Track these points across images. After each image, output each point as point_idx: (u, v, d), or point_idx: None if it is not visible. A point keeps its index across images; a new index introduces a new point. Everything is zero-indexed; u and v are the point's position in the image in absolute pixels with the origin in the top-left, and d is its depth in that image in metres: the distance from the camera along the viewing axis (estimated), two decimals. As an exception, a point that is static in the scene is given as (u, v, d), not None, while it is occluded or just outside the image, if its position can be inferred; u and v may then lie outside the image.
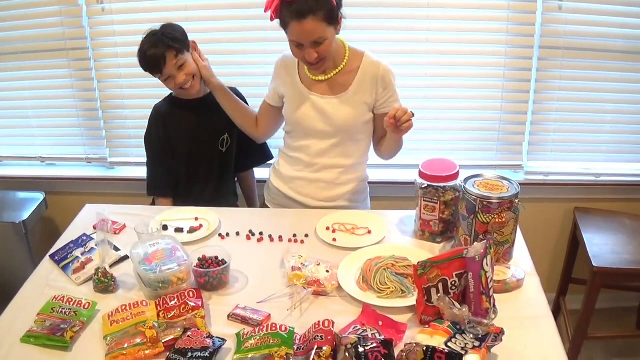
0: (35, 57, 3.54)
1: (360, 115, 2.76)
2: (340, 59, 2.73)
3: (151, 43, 2.82)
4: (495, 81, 3.38)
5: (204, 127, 3.08)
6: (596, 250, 3.12)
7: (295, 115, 2.82)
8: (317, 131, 2.80)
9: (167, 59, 2.81)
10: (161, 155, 3.10)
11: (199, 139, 3.09)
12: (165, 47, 2.81)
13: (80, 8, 3.36)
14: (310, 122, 2.80)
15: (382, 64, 2.73)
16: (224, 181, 3.23)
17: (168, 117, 3.07)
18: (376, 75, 2.71)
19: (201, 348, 1.84)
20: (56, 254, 2.46)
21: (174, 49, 2.82)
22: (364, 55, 2.74)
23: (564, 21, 3.21)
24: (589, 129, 3.52)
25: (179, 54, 2.85)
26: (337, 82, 2.75)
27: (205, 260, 2.28)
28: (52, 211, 3.78)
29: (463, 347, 1.78)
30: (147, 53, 2.82)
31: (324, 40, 2.50)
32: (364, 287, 2.19)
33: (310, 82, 2.78)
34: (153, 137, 3.10)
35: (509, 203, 2.19)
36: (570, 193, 3.61)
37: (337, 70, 2.73)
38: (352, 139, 2.82)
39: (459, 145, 3.59)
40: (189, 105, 3.06)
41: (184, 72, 2.88)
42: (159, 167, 3.12)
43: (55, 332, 1.97)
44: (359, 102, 2.74)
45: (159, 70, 2.84)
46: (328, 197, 2.89)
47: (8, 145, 3.88)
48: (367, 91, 2.72)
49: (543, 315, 2.06)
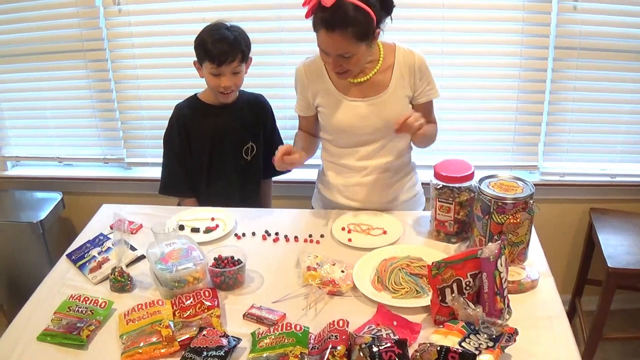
0: (53, 58, 3.57)
1: (404, 109, 2.64)
2: (376, 58, 2.63)
3: (223, 35, 2.79)
4: (511, 82, 3.38)
5: (226, 134, 3.04)
6: (611, 251, 3.11)
7: (337, 123, 2.71)
8: (364, 135, 2.71)
9: (230, 59, 2.78)
10: (179, 156, 3.07)
11: (222, 145, 3.05)
12: (237, 47, 2.80)
13: (97, 9, 3.39)
14: (354, 129, 2.70)
15: (415, 53, 2.65)
16: (248, 192, 3.18)
17: (190, 120, 3.03)
18: (412, 66, 2.63)
19: (216, 347, 1.85)
20: (73, 254, 2.48)
21: (242, 53, 2.82)
22: (395, 48, 2.65)
23: (579, 21, 3.20)
24: (605, 129, 3.51)
25: (242, 62, 2.85)
26: (376, 81, 2.64)
27: (221, 260, 2.29)
28: (69, 211, 3.81)
29: (477, 347, 1.78)
30: (217, 42, 2.77)
31: (352, 56, 2.43)
32: (378, 287, 2.20)
33: (345, 86, 2.66)
34: (174, 137, 3.05)
35: (524, 204, 2.19)
36: (585, 194, 3.60)
37: (375, 70, 2.63)
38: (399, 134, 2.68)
39: (474, 146, 3.59)
40: (213, 111, 3.02)
41: (234, 80, 2.86)
42: (176, 167, 3.09)
43: (71, 330, 1.99)
44: (400, 96, 2.66)
45: (219, 62, 2.78)
46: (386, 198, 2.83)
47: (26, 145, 3.92)
48: (406, 84, 2.65)
49: (557, 315, 2.05)
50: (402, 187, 2.87)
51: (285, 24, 3.30)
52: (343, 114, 2.68)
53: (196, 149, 3.06)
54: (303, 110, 2.83)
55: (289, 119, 3.45)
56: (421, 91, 2.69)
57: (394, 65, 2.64)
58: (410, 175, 2.91)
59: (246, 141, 3.07)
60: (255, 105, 3.12)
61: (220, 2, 3.36)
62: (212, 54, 2.77)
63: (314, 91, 2.73)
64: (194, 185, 3.11)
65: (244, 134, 3.07)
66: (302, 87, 2.77)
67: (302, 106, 2.82)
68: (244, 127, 3.05)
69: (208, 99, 3.02)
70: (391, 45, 2.67)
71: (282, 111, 3.36)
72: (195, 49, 2.86)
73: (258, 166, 3.16)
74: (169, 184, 3.13)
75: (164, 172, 3.13)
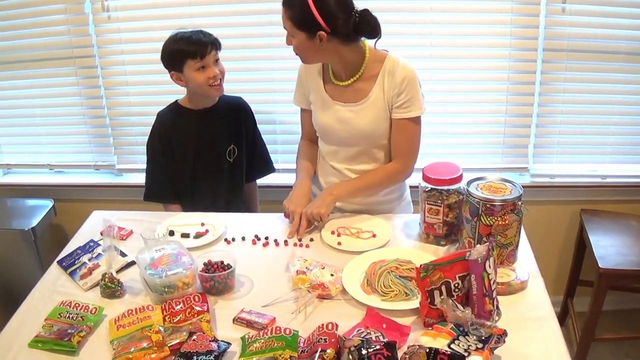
0: (42, 65, 3.57)
1: (382, 120, 2.67)
2: (359, 66, 2.64)
3: (193, 32, 2.87)
4: (500, 84, 3.39)
5: (209, 138, 3.08)
6: (602, 252, 3.12)
7: (321, 123, 2.78)
8: (341, 139, 2.76)
9: (209, 48, 2.85)
10: (162, 163, 3.10)
11: (205, 149, 3.08)
12: (209, 38, 2.87)
13: (86, 16, 3.40)
14: (333, 131, 2.75)
15: (401, 64, 2.60)
16: (234, 193, 3.20)
17: (171, 127, 3.06)
18: (396, 78, 2.59)
19: (206, 351, 1.85)
20: (64, 260, 2.48)
21: (216, 42, 2.89)
22: (386, 58, 2.63)
23: (567, 23, 3.22)
24: (595, 130, 3.53)
25: (218, 50, 2.91)
26: (357, 88, 2.66)
27: (210, 265, 2.29)
28: (60, 218, 3.80)
29: (466, 348, 1.78)
30: (192, 37, 2.84)
31: (294, 36, 2.52)
32: (368, 290, 2.20)
33: (334, 90, 2.72)
34: (156, 145, 3.09)
35: (512, 205, 2.19)
36: (576, 195, 3.62)
37: (356, 77, 2.65)
38: (377, 144, 2.73)
39: (464, 149, 3.60)
40: (194, 115, 3.06)
41: (219, 68, 2.91)
42: (159, 174, 3.12)
43: (62, 337, 1.99)
44: (380, 107, 2.64)
45: (202, 54, 2.83)
46: (363, 202, 2.83)
47: (17, 153, 3.92)
48: (386, 96, 2.63)
49: (547, 316, 2.06)
50: (389, 191, 2.88)
51: (274, 29, 3.30)
52: (324, 115, 2.75)
53: (179, 154, 3.09)
54: (302, 102, 2.90)
55: (279, 123, 3.47)
56: (399, 105, 2.64)
57: (379, 75, 2.63)
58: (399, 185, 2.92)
59: (228, 144, 3.10)
60: (235, 108, 3.17)
61: (209, 8, 3.37)
62: (193, 49, 2.83)
63: (308, 87, 2.81)
64: (178, 192, 3.14)
65: (225, 137, 3.11)
66: (300, 80, 2.87)
67: (300, 98, 2.91)
68: (225, 130, 3.10)
69: (189, 104, 3.07)
70: (382, 54, 2.65)
71: (271, 116, 3.38)
72: (169, 60, 2.91)
73: (241, 168, 3.20)
74: (152, 191, 3.16)
75: (147, 180, 3.16)
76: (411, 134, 2.70)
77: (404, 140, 2.70)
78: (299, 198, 2.74)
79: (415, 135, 2.71)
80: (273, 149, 3.45)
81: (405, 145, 2.72)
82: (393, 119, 2.67)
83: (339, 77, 2.70)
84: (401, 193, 2.96)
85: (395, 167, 2.76)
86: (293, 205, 2.69)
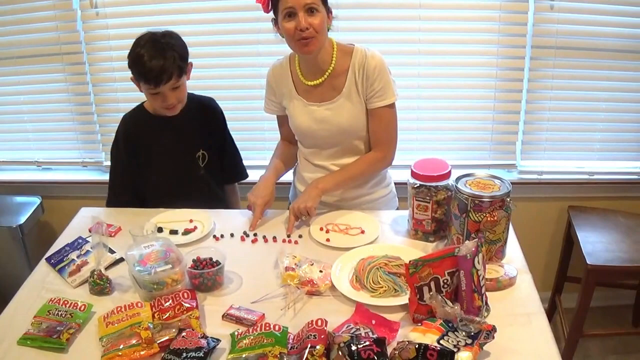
0: (30, 61, 3.56)
1: (360, 113, 2.66)
2: (329, 60, 2.62)
3: (156, 52, 2.60)
4: (488, 81, 3.41)
5: (175, 143, 2.91)
6: (590, 248, 3.13)
7: (299, 126, 2.75)
8: (323, 139, 2.74)
9: (165, 79, 2.61)
10: (126, 169, 2.94)
11: (173, 156, 2.93)
12: (171, 64, 2.62)
13: (74, 12, 3.39)
14: (314, 133, 2.73)
15: (369, 54, 2.59)
16: (209, 198, 3.01)
17: (134, 134, 2.90)
18: (365, 68, 2.58)
19: (196, 348, 1.84)
20: (52, 257, 2.47)
21: (178, 69, 2.64)
22: (353, 51, 2.62)
23: (555, 20, 3.24)
24: (582, 127, 3.55)
25: (180, 76, 2.68)
26: (330, 85, 2.65)
27: (199, 262, 2.28)
28: (48, 215, 3.80)
29: (455, 344, 1.79)
30: (149, 62, 2.59)
31: (316, 12, 2.41)
32: (357, 287, 2.20)
33: (306, 91, 2.70)
34: (120, 151, 2.93)
35: (501, 201, 2.20)
36: (564, 192, 3.63)
37: (327, 74, 2.63)
38: (359, 136, 2.72)
39: (452, 145, 3.61)
40: (158, 120, 2.87)
41: (176, 95, 2.72)
42: (120, 185, 2.98)
43: (51, 334, 1.98)
44: (355, 101, 2.63)
45: (156, 84, 2.62)
46: (350, 196, 2.84)
47: (4, 149, 3.91)
48: (359, 88, 2.62)
49: (535, 312, 2.06)
50: (374, 184, 2.87)
51: (263, 25, 3.30)
52: (302, 118, 2.73)
53: (144, 162, 2.93)
54: (274, 110, 2.87)
55: (267, 119, 3.46)
56: (373, 94, 2.62)
57: (349, 69, 2.63)
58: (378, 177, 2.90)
59: (197, 149, 2.95)
60: (204, 111, 2.98)
61: (198, 4, 3.36)
62: (147, 77, 2.62)
63: (280, 94, 2.78)
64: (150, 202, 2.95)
65: (193, 142, 2.95)
66: (270, 88, 2.82)
67: (271, 106, 2.86)
68: (191, 134, 2.94)
69: (151, 109, 2.89)
70: (348, 48, 2.65)
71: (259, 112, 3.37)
72: (129, 67, 2.69)
73: (215, 173, 3.05)
74: (113, 199, 3.00)
75: (111, 185, 3.03)
76: (388, 121, 2.70)
77: (382, 128, 2.70)
78: (261, 190, 2.75)
79: (392, 122, 2.72)
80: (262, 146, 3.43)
81: (384, 134, 2.73)
82: (369, 109, 2.66)
83: (308, 77, 2.68)
84: (387, 184, 2.95)
85: (376, 156, 2.76)
86: (254, 197, 2.72)
